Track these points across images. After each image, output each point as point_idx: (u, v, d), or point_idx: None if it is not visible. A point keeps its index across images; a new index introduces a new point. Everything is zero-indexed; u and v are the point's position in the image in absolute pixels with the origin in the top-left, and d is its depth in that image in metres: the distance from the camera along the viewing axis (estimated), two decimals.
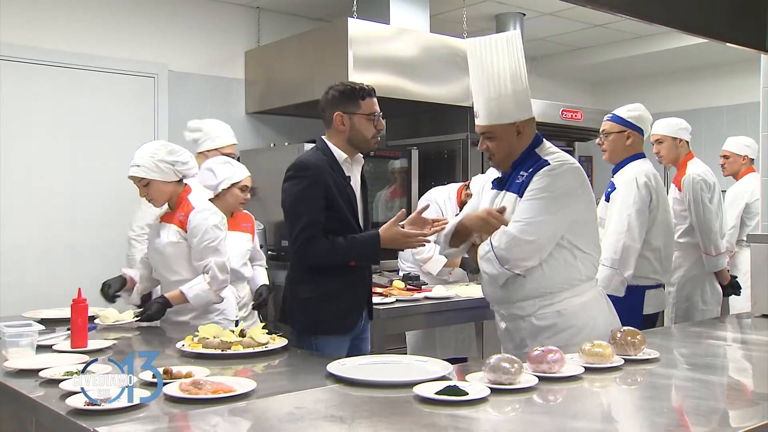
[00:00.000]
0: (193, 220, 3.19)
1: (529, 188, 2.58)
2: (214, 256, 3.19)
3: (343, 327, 2.87)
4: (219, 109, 5.71)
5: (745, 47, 3.26)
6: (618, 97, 7.93)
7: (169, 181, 3.23)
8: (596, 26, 6.38)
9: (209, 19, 5.66)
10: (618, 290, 3.34)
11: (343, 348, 2.85)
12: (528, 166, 2.64)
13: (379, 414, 1.77)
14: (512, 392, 1.86)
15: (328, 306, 2.83)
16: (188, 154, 3.30)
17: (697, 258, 4.18)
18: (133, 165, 3.24)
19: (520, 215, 2.56)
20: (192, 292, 3.14)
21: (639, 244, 3.41)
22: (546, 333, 2.61)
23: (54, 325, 2.99)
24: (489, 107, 2.65)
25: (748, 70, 5.57)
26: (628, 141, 3.58)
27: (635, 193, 3.43)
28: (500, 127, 2.65)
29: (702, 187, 4.14)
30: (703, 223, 4.10)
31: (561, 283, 2.61)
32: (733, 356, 2.57)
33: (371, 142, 2.89)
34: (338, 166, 2.85)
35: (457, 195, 4.62)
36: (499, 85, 2.62)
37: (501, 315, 2.76)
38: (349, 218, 2.83)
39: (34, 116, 4.92)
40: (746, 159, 5.11)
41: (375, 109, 2.88)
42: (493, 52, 2.63)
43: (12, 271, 4.74)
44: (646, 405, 1.90)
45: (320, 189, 2.76)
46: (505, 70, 2.61)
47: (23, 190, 4.86)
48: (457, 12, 5.88)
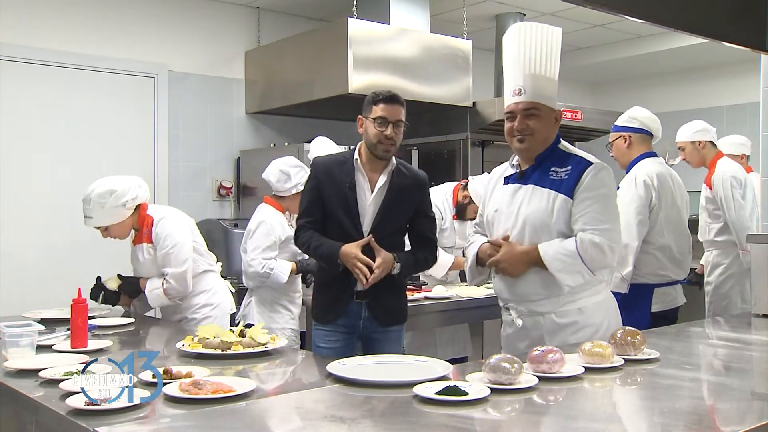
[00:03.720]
0: (155, 230, 3.37)
1: (585, 187, 2.54)
2: (172, 267, 3.33)
3: (325, 318, 2.99)
4: (219, 109, 5.72)
5: (745, 47, 3.26)
6: (618, 97, 7.96)
7: (125, 218, 3.36)
8: (596, 26, 6.38)
9: (209, 19, 5.66)
10: (619, 287, 3.40)
11: (333, 339, 2.95)
12: (561, 163, 2.61)
13: (379, 414, 1.77)
14: (512, 392, 1.86)
15: (318, 295, 3.08)
16: (135, 185, 3.37)
17: (735, 256, 4.20)
18: (86, 217, 3.35)
19: (595, 221, 2.52)
20: (152, 294, 3.38)
21: (637, 242, 3.44)
22: (567, 330, 2.59)
23: (54, 325, 2.99)
24: (538, 84, 2.60)
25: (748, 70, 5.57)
26: (626, 143, 3.68)
27: (633, 191, 3.49)
28: (546, 107, 2.62)
29: (732, 184, 4.17)
30: (737, 219, 4.12)
31: (584, 282, 2.59)
32: (733, 356, 2.57)
33: (377, 147, 2.89)
34: (349, 167, 2.93)
35: (453, 195, 4.62)
36: (548, 68, 2.61)
37: (519, 312, 2.67)
38: (341, 219, 2.90)
39: (34, 116, 4.92)
40: (744, 158, 5.11)
41: (381, 114, 2.87)
42: (543, 36, 2.63)
43: (12, 271, 4.75)
44: (646, 405, 1.90)
45: (315, 185, 2.97)
46: (553, 58, 2.62)
47: (23, 189, 4.86)
48: (457, 12, 5.89)
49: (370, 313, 2.94)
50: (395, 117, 2.88)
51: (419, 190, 3.02)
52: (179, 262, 3.33)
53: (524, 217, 2.60)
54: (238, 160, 5.78)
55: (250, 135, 5.86)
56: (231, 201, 5.76)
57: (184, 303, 3.46)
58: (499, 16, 6.17)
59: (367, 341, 3.00)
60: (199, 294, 3.49)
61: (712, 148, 4.42)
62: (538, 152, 2.64)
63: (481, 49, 5.78)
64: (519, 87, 2.61)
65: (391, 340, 3.00)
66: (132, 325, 3.13)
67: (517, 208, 2.63)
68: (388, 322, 2.98)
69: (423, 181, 3.05)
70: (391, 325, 2.99)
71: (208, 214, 5.56)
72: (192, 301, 3.47)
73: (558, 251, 2.52)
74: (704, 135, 4.41)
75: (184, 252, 3.36)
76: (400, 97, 2.92)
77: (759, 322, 3.08)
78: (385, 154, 2.90)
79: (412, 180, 2.99)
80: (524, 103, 2.60)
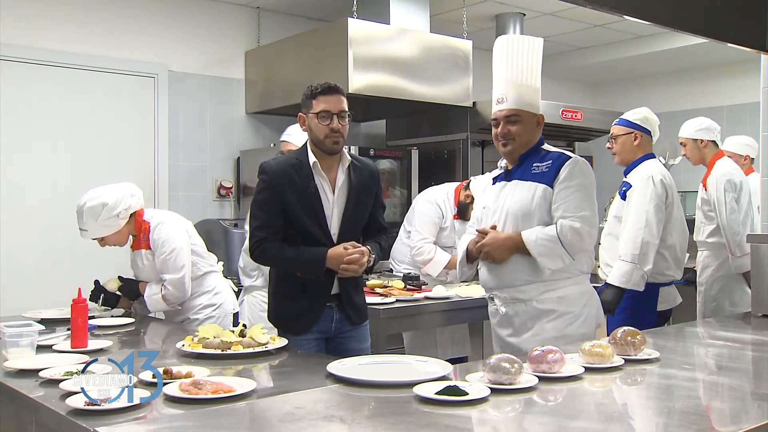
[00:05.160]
0: (152, 236, 3.36)
1: (564, 178, 2.76)
2: (170, 273, 3.33)
3: (298, 327, 2.84)
4: (219, 109, 5.71)
5: (746, 47, 3.26)
6: (618, 97, 7.96)
7: (120, 228, 3.35)
8: (596, 26, 6.38)
9: (209, 19, 5.66)
10: (638, 284, 3.41)
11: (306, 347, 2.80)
12: (542, 158, 2.84)
13: (379, 414, 1.77)
14: (512, 392, 1.86)
15: (286, 306, 2.89)
16: (127, 194, 3.33)
17: (724, 258, 4.20)
18: (81, 230, 3.34)
19: (574, 208, 2.73)
20: (150, 300, 3.39)
21: (657, 240, 3.50)
22: (546, 317, 2.78)
23: (54, 325, 3.00)
24: (519, 92, 2.85)
25: (748, 70, 5.57)
26: (636, 142, 3.72)
27: (652, 189, 3.53)
28: (527, 113, 2.85)
29: (726, 187, 4.16)
30: (727, 223, 4.11)
31: (565, 272, 2.79)
32: (733, 356, 2.57)
33: (325, 142, 2.78)
34: (307, 170, 2.81)
35: (455, 195, 4.62)
36: (528, 77, 2.87)
37: (502, 299, 2.86)
38: (306, 225, 2.79)
39: (34, 116, 4.92)
40: (747, 159, 5.09)
41: (323, 107, 2.76)
42: (524, 48, 2.89)
43: (12, 271, 4.75)
44: (646, 405, 1.90)
45: (274, 193, 2.79)
46: (533, 67, 2.88)
47: (23, 189, 4.86)
48: (457, 12, 5.88)
49: (341, 314, 2.90)
50: (338, 108, 2.78)
51: (375, 181, 2.97)
52: (177, 268, 3.33)
53: (507, 208, 2.83)
54: (238, 160, 5.78)
55: (250, 135, 5.86)
56: (231, 201, 5.76)
57: (186, 304, 3.46)
58: (499, 16, 6.17)
59: (336, 343, 2.92)
60: (202, 295, 3.49)
61: (714, 147, 4.41)
62: (520, 153, 2.88)
63: (481, 49, 5.76)
64: (501, 96, 2.87)
65: (361, 338, 2.97)
66: (132, 325, 3.13)
67: (503, 203, 2.87)
68: (358, 321, 2.95)
69: (376, 171, 3.00)
70: (360, 323, 2.98)
71: (208, 214, 5.56)
72: (194, 302, 3.47)
73: (540, 236, 2.73)
74: (707, 134, 4.40)
75: (182, 257, 3.35)
76: (339, 87, 2.82)
77: (758, 322, 3.08)
78: (334, 146, 2.79)
79: (367, 174, 2.93)
80: (506, 110, 2.86)
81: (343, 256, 2.75)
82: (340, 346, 2.91)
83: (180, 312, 3.47)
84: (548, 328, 2.76)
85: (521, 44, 2.90)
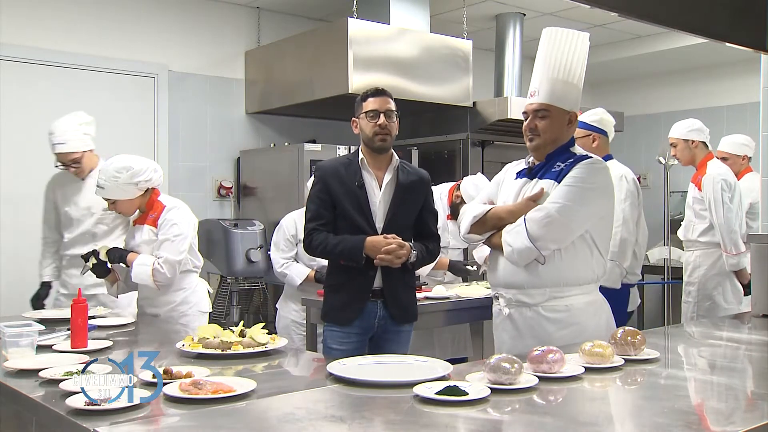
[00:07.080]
0: (165, 215, 3.39)
1: (569, 175, 2.65)
2: (168, 253, 3.34)
3: (343, 318, 3.00)
4: (219, 109, 5.72)
5: (745, 47, 3.26)
6: (618, 97, 7.95)
7: (135, 197, 3.38)
8: (596, 26, 6.38)
9: (209, 19, 5.66)
10: (616, 282, 3.43)
11: (347, 340, 2.97)
12: (566, 158, 2.72)
13: (379, 414, 1.77)
14: (512, 392, 1.86)
15: (332, 296, 3.06)
16: (151, 168, 3.40)
17: (717, 257, 4.23)
18: (98, 187, 3.38)
19: (557, 198, 2.61)
20: (138, 268, 3.34)
21: (634, 237, 3.54)
22: (551, 326, 2.62)
23: (54, 325, 2.99)
24: (553, 87, 2.72)
25: (748, 70, 5.57)
26: (594, 144, 3.71)
27: (626, 188, 3.57)
28: (557, 109, 2.71)
29: (723, 186, 4.21)
30: (724, 222, 4.15)
31: (574, 278, 2.64)
32: (733, 356, 2.57)
33: (374, 139, 2.97)
34: (355, 166, 2.99)
35: (449, 195, 4.64)
36: (568, 72, 2.73)
37: (507, 301, 2.72)
38: (353, 217, 2.94)
39: (34, 116, 4.91)
40: (745, 158, 5.09)
41: (371, 107, 2.98)
42: (570, 42, 2.75)
43: (12, 271, 4.75)
44: (646, 405, 1.90)
45: (323, 187, 2.99)
46: (573, 62, 2.73)
47: (23, 189, 4.85)
48: (457, 12, 5.89)
49: (385, 311, 2.99)
50: (385, 107, 2.98)
51: (424, 186, 3.12)
52: (177, 252, 3.36)
53: None
54: (238, 160, 5.79)
55: (250, 135, 5.87)
56: (231, 201, 5.76)
57: (161, 297, 3.44)
58: (499, 16, 6.17)
59: (377, 342, 3.03)
60: (178, 291, 3.48)
61: (704, 148, 4.45)
62: (548, 151, 2.74)
63: (481, 49, 5.78)
64: (535, 89, 2.76)
65: (401, 342, 3.06)
66: (132, 325, 3.13)
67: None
68: (402, 320, 3.05)
69: (427, 178, 3.16)
70: (405, 323, 3.07)
71: (208, 214, 5.56)
72: (170, 297, 3.46)
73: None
74: (698, 135, 4.44)
75: (184, 244, 3.40)
76: (387, 90, 3.03)
77: (758, 322, 3.08)
78: (382, 144, 2.97)
79: (416, 177, 3.09)
80: (536, 104, 2.73)
81: (381, 245, 2.88)
82: (380, 349, 2.98)
83: (153, 304, 3.47)
84: (555, 339, 2.55)
85: (564, 38, 2.76)
